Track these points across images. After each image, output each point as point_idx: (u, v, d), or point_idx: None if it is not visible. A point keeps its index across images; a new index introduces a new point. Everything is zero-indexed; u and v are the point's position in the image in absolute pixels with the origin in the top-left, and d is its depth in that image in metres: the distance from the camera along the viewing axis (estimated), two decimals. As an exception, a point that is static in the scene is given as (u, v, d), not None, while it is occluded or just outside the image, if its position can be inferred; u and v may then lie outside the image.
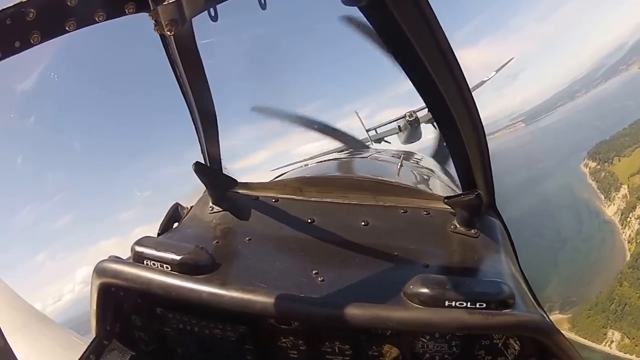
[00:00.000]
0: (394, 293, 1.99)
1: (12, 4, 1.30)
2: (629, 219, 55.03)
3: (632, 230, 53.11)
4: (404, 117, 20.25)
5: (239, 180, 2.88)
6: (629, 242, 52.24)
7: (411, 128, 19.86)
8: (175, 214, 2.93)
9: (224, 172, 2.86)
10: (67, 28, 1.43)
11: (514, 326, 1.86)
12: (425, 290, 1.91)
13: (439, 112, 1.92)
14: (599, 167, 70.67)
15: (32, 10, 1.31)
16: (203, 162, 2.68)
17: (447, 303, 1.85)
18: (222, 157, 2.78)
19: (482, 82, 23.20)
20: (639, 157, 63.79)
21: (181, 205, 2.97)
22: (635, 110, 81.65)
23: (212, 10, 1.66)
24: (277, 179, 3.77)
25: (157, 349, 2.54)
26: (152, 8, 1.53)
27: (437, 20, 1.53)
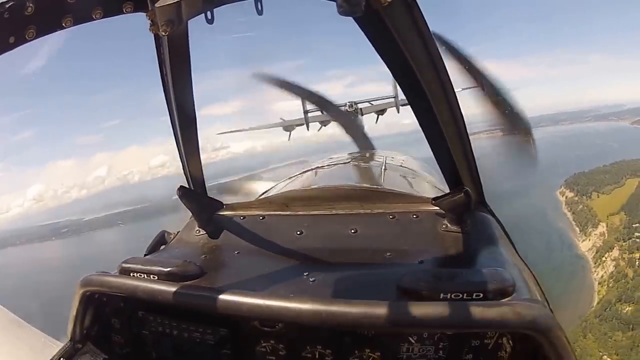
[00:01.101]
0: (387, 289, 1.88)
1: None
2: (604, 259, 52.00)
3: (605, 272, 49.99)
4: (344, 105, 21.12)
5: (224, 204, 2.79)
6: (599, 284, 48.95)
7: (356, 119, 20.45)
8: (161, 240, 2.88)
9: (208, 194, 2.76)
10: (63, 24, 1.41)
11: (513, 317, 1.62)
12: (419, 283, 1.81)
13: (425, 117, 1.87)
14: (576, 198, 68.24)
15: (31, 4, 1.30)
16: (187, 185, 2.63)
17: (442, 295, 1.73)
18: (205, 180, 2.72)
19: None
20: (618, 197, 61.65)
21: (168, 232, 2.92)
22: (618, 151, 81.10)
23: (209, 13, 1.59)
24: (262, 197, 3.44)
25: (131, 353, 2.52)
26: (150, 8, 1.50)
27: (429, 31, 1.56)
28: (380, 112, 24.57)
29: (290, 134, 25.44)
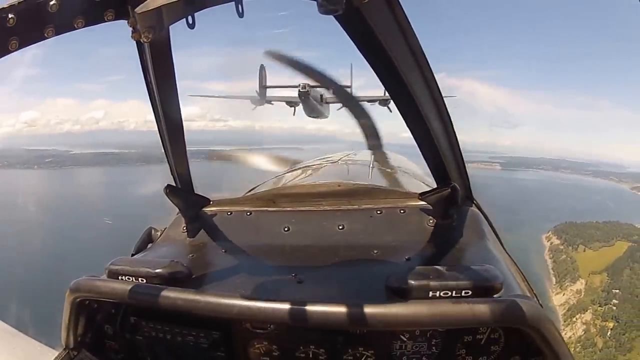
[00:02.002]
0: (375, 288, 1.87)
1: None
2: (574, 320, 47.86)
3: (574, 334, 45.74)
4: (298, 86, 21.22)
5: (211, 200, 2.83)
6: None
7: (307, 102, 21.07)
8: (148, 237, 2.87)
9: (195, 192, 2.74)
10: (45, 34, 1.39)
11: (502, 313, 1.64)
12: (407, 282, 1.75)
13: (410, 114, 1.82)
14: (561, 247, 64.58)
15: (12, 16, 1.29)
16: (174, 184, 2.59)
17: (431, 294, 1.71)
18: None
19: None
20: (604, 256, 57.88)
21: (155, 229, 2.89)
22: (613, 211, 78.27)
23: (190, 18, 1.58)
24: (249, 194, 3.33)
25: (126, 358, 2.52)
26: (131, 15, 1.48)
27: (411, 28, 1.55)
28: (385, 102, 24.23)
29: (294, 110, 24.76)
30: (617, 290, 48.10)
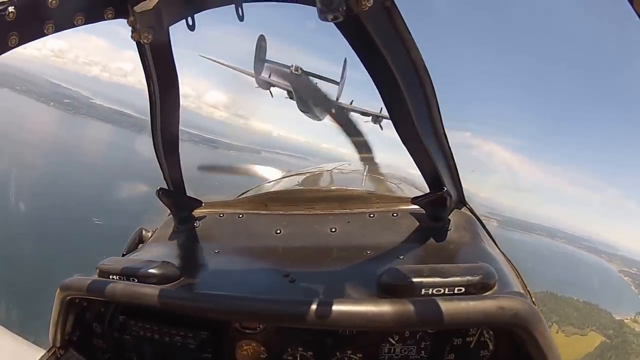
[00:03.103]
0: (368, 287, 1.85)
1: None
2: None
3: None
4: (290, 67, 20.11)
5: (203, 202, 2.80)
6: None
7: (295, 87, 19.48)
8: (139, 237, 2.84)
9: (187, 194, 2.70)
10: (45, 31, 1.40)
11: (496, 311, 1.61)
12: (400, 280, 1.76)
13: (405, 122, 1.81)
14: None
15: (12, 10, 1.29)
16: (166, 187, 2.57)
17: (423, 291, 1.70)
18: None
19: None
20: (574, 347, 54.90)
21: (145, 229, 2.87)
22: (596, 292, 76.19)
23: (189, 19, 1.60)
24: (241, 197, 3.34)
25: (113, 357, 2.49)
26: (130, 14, 1.50)
27: (411, 36, 1.54)
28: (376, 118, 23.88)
29: (270, 91, 22.96)
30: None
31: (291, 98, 21.09)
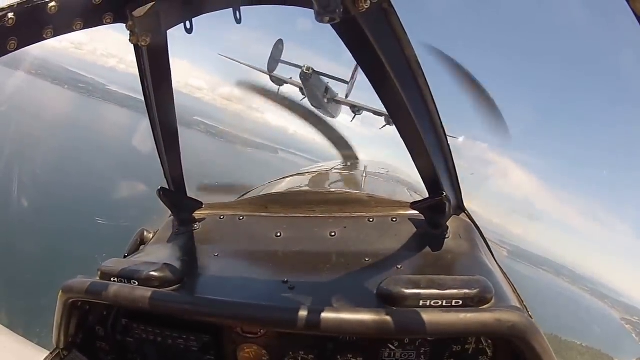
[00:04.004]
0: (366, 296, 1.87)
1: None
2: None
3: None
4: (302, 66, 20.63)
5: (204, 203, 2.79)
6: None
7: (306, 85, 20.69)
8: (140, 238, 2.83)
9: (188, 195, 2.69)
10: (44, 35, 1.40)
11: (493, 324, 1.63)
12: (398, 291, 1.75)
13: (404, 123, 1.81)
14: None
15: (11, 16, 1.29)
16: (167, 187, 2.56)
17: (422, 302, 1.71)
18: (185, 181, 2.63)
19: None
20: None
21: (147, 230, 2.86)
22: (599, 338, 73.75)
23: (187, 23, 1.62)
24: (241, 198, 3.40)
25: (117, 359, 2.49)
26: (129, 19, 1.51)
27: (408, 39, 1.54)
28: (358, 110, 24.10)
29: (279, 88, 23.67)
30: None
31: (303, 94, 21.82)
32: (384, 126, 22.97)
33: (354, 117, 24.11)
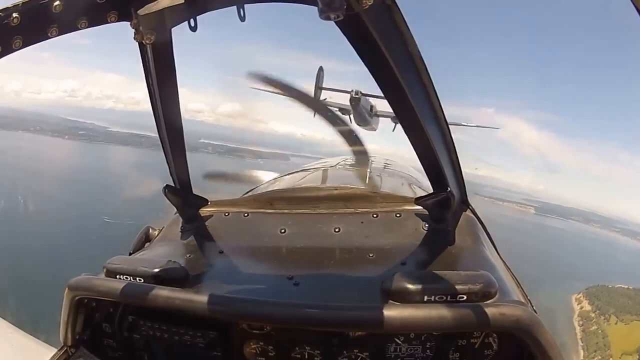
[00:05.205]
0: (371, 292, 1.84)
1: None
2: None
3: None
4: (350, 91, 21.83)
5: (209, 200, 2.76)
6: None
7: (356, 108, 21.63)
8: (146, 236, 2.80)
9: (193, 192, 2.68)
10: (49, 34, 1.41)
11: (497, 318, 1.63)
12: (402, 286, 1.74)
13: (408, 119, 1.81)
14: (592, 315, 56.33)
15: (16, 15, 1.31)
16: (172, 184, 2.56)
17: (426, 298, 1.70)
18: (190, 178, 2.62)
19: (459, 124, 26.46)
20: (636, 333, 49.18)
21: (152, 228, 2.83)
22: None
23: (192, 20, 1.58)
24: (246, 195, 3.34)
25: (124, 356, 2.46)
26: (134, 17, 1.50)
27: (411, 35, 1.55)
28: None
29: (315, 113, 22.37)
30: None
31: (344, 114, 21.86)
32: (395, 127, 23.40)
33: (394, 127, 23.71)
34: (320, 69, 22.07)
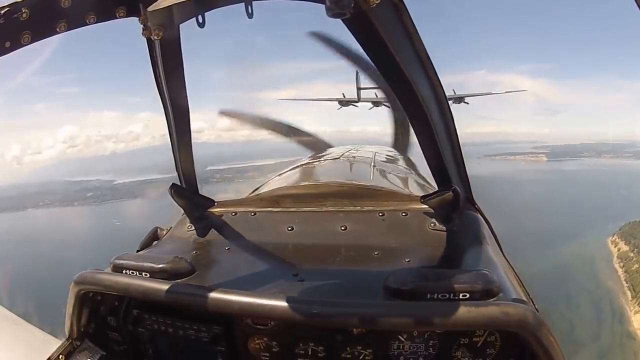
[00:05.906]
0: (375, 289, 1.88)
1: (6, 4, 1.31)
2: None
3: None
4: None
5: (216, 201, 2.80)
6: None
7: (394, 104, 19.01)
8: (154, 235, 2.84)
9: (200, 192, 2.73)
10: (57, 29, 1.42)
11: (500, 317, 1.64)
12: (406, 283, 1.79)
13: (416, 116, 1.85)
14: (631, 254, 54.53)
15: (26, 10, 1.32)
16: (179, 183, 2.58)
17: (429, 295, 1.72)
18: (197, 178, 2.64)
19: (489, 94, 51.95)
20: None
21: (160, 228, 2.87)
22: None
23: (200, 17, 1.61)
24: (253, 194, 3.38)
25: (129, 349, 2.49)
26: (142, 12, 1.52)
27: (417, 33, 1.58)
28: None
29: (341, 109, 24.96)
30: None
31: (377, 106, 23.43)
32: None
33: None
34: (357, 72, 23.22)
